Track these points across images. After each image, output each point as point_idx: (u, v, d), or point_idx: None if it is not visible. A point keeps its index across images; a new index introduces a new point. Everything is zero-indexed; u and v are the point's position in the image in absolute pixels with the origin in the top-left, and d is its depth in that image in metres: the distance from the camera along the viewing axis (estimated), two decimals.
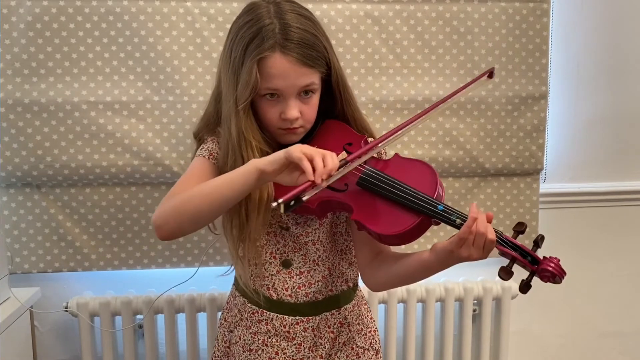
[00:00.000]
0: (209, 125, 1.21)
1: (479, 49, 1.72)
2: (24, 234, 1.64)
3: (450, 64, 1.72)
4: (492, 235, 0.97)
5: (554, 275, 0.97)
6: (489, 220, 1.00)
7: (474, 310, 1.84)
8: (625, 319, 2.04)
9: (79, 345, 1.68)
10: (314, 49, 1.09)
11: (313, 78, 1.11)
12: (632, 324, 2.05)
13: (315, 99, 1.14)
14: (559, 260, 0.98)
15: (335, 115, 1.21)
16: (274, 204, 0.91)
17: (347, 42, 1.65)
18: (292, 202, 0.93)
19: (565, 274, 0.97)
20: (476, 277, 1.84)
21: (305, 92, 1.11)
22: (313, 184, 0.94)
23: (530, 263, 0.99)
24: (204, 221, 1.05)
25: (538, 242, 1.01)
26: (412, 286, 1.77)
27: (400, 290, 1.77)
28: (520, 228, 1.02)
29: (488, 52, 1.73)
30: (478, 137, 1.76)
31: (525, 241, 1.10)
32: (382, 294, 1.76)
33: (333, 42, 1.61)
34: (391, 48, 1.69)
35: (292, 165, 0.97)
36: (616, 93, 1.93)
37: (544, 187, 1.89)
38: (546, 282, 0.99)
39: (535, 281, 1.00)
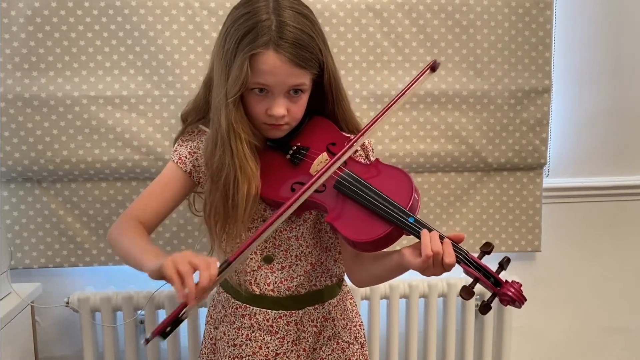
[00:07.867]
0: (197, 109, 1.22)
1: (481, 42, 1.71)
2: (25, 229, 1.64)
3: (453, 58, 1.71)
4: (449, 259, 0.98)
5: (514, 300, 0.96)
6: (459, 241, 1.01)
7: (477, 306, 1.83)
8: (628, 314, 2.03)
9: (80, 341, 1.68)
10: (308, 50, 1.07)
11: (303, 79, 1.10)
12: (636, 319, 2.04)
13: (304, 98, 1.14)
14: (520, 286, 0.98)
15: (326, 114, 1.21)
16: (146, 341, 0.92)
17: (348, 35, 1.64)
18: (169, 329, 0.93)
19: (525, 300, 0.97)
20: None
21: (294, 91, 1.11)
22: (185, 304, 0.92)
23: (493, 285, 0.98)
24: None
25: (503, 264, 1.00)
26: (414, 282, 1.77)
27: (403, 286, 1.77)
28: (487, 249, 1.01)
29: (491, 45, 1.71)
30: (481, 132, 1.75)
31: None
32: (385, 290, 1.76)
33: (334, 35, 1.63)
34: (393, 41, 1.67)
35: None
36: (620, 87, 1.91)
37: (547, 182, 1.88)
38: (506, 305, 0.99)
39: (538, 279, 0.99)
